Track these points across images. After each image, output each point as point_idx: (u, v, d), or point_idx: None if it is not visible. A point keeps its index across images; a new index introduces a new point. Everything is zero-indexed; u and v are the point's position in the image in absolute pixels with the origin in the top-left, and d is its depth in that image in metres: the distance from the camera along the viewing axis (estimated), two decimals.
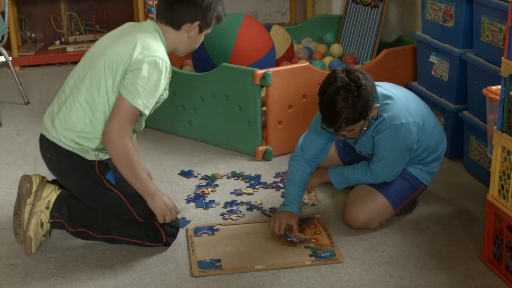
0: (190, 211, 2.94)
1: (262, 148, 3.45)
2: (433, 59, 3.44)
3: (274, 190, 3.13)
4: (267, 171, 3.33)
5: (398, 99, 2.62)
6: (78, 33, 5.43)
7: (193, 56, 3.81)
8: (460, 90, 3.29)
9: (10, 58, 4.46)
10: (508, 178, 2.34)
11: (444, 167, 3.24)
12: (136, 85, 2.42)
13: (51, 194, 2.62)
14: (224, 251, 2.61)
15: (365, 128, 2.58)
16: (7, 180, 3.28)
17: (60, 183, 2.66)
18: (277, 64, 3.96)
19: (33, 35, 5.44)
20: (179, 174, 3.31)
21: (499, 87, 2.41)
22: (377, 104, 2.57)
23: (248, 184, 3.19)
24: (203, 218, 2.88)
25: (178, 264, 2.54)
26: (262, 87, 3.39)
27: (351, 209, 2.74)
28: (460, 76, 3.26)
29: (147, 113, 2.48)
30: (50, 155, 2.57)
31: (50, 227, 2.64)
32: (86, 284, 2.44)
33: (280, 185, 3.17)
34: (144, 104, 2.45)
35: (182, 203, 3.01)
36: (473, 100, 3.17)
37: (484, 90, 2.55)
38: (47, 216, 2.61)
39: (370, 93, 2.49)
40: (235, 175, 3.29)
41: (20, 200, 2.61)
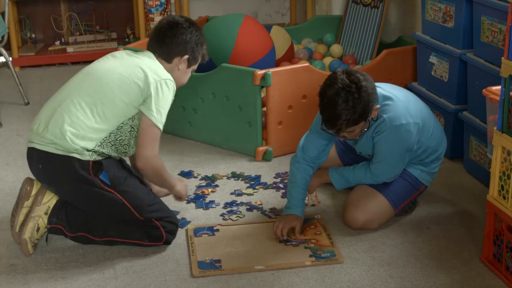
0: (190, 212, 2.94)
1: (262, 148, 3.45)
2: (433, 59, 3.44)
3: (274, 190, 3.13)
4: (267, 171, 3.33)
5: (398, 100, 2.62)
6: (78, 33, 5.43)
7: None
8: (460, 90, 3.28)
9: (10, 59, 4.47)
10: (508, 178, 2.34)
11: (444, 168, 3.24)
12: (160, 109, 2.57)
13: (51, 200, 2.62)
14: (224, 252, 2.61)
15: (365, 129, 2.58)
16: (7, 181, 3.28)
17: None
18: (277, 65, 3.96)
19: (33, 36, 5.43)
20: (179, 174, 3.31)
21: (499, 87, 2.41)
22: (377, 106, 2.57)
23: (248, 185, 3.19)
24: (203, 219, 2.88)
25: (178, 265, 2.54)
26: (262, 87, 3.39)
27: (351, 210, 2.74)
28: (460, 77, 3.26)
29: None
30: (42, 165, 2.54)
31: (47, 232, 2.63)
32: (86, 284, 2.44)
33: (280, 185, 3.17)
34: (163, 124, 2.62)
35: (182, 203, 3.01)
36: (473, 101, 3.16)
37: (484, 91, 2.55)
38: (44, 222, 2.60)
39: (371, 94, 2.49)
40: (235, 176, 3.29)
41: (19, 201, 2.61)
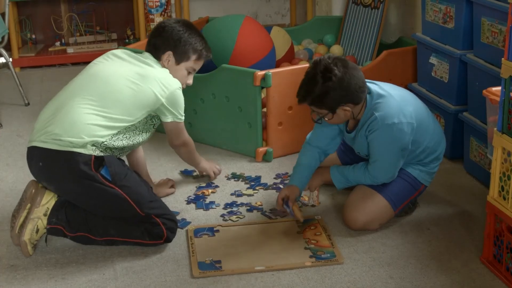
0: (190, 212, 2.94)
1: (262, 149, 3.45)
2: (433, 60, 3.44)
3: (275, 191, 3.13)
4: (267, 172, 3.33)
5: (391, 98, 2.63)
6: (78, 34, 5.43)
7: None
8: (460, 91, 3.28)
9: (11, 59, 4.46)
10: (508, 179, 2.34)
11: (444, 168, 3.24)
12: (175, 109, 2.73)
13: (50, 201, 2.62)
14: (224, 252, 2.61)
15: (327, 119, 2.61)
16: (7, 181, 3.28)
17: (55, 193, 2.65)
18: (277, 66, 3.96)
19: (33, 36, 5.44)
20: (179, 175, 3.31)
21: (499, 88, 2.41)
22: (347, 108, 2.58)
23: (248, 185, 3.19)
24: (203, 219, 2.88)
25: (178, 265, 2.54)
26: (263, 88, 3.39)
27: (351, 210, 2.74)
28: (460, 78, 3.26)
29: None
30: (42, 163, 2.54)
31: (47, 233, 2.63)
32: (86, 285, 2.44)
33: (281, 186, 3.17)
34: (183, 115, 2.78)
35: (183, 204, 3.01)
36: (473, 102, 3.17)
37: (484, 92, 2.55)
38: (44, 223, 2.60)
39: (338, 88, 2.52)
40: (235, 176, 3.29)
41: (21, 203, 2.61)
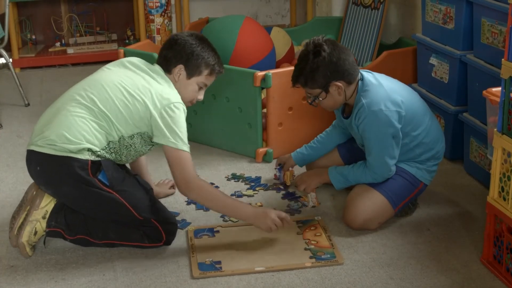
0: (190, 213, 2.94)
1: (262, 150, 3.45)
2: (433, 61, 3.44)
3: (275, 192, 3.13)
4: (268, 173, 3.33)
5: (380, 86, 2.65)
6: (78, 35, 5.43)
7: None
8: (460, 92, 3.28)
9: (11, 60, 4.46)
10: (508, 180, 2.34)
11: (445, 169, 3.24)
12: (176, 130, 2.54)
13: (49, 204, 2.61)
14: (224, 253, 2.61)
15: (321, 98, 2.67)
16: (7, 182, 3.28)
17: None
18: (277, 66, 3.96)
19: (33, 37, 5.44)
20: None
21: (499, 89, 2.41)
22: (338, 83, 2.63)
23: (248, 186, 3.19)
24: (203, 220, 2.88)
25: (178, 266, 2.54)
26: (263, 89, 3.39)
27: (350, 209, 2.75)
28: (460, 78, 3.26)
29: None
30: (40, 167, 2.53)
31: (46, 236, 2.63)
32: (86, 286, 2.44)
33: (281, 187, 3.17)
34: (187, 146, 2.57)
35: (183, 205, 3.01)
36: (473, 102, 3.17)
37: (484, 92, 2.55)
38: (43, 226, 2.59)
39: (329, 63, 2.60)
40: (235, 177, 3.29)
41: (22, 204, 2.61)
